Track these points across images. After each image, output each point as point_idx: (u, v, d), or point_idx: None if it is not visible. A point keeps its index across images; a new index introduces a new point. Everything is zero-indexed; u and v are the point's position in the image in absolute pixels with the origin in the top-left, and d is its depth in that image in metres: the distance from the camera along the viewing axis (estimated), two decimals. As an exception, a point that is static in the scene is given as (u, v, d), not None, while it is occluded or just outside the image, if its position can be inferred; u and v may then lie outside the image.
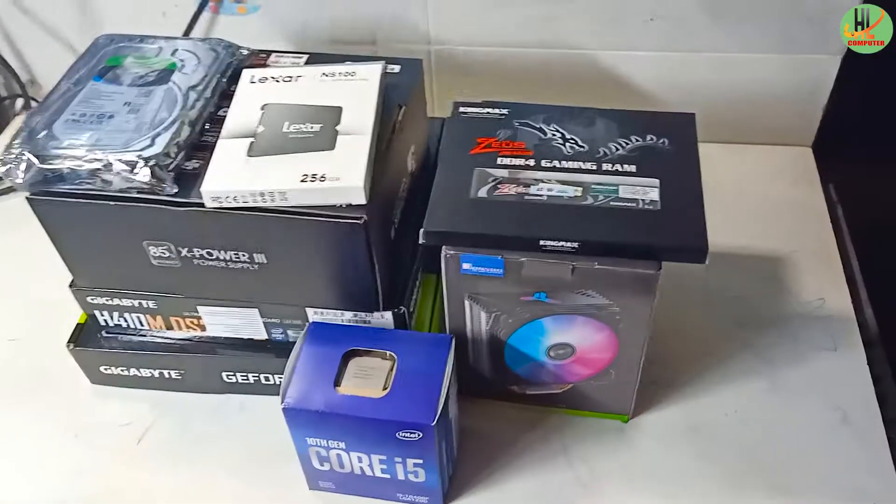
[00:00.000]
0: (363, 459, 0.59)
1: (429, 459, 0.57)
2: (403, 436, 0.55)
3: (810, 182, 0.87)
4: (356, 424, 0.56)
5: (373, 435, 0.57)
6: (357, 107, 0.60)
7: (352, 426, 0.56)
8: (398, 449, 0.57)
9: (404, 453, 0.57)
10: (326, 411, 0.56)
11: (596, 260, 0.54)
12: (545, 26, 0.84)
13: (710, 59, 0.84)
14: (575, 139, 0.60)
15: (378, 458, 0.58)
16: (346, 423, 0.56)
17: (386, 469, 0.59)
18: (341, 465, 0.60)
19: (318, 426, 0.57)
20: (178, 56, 0.65)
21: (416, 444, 0.56)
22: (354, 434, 0.57)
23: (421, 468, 0.58)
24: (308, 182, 0.55)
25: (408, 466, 0.58)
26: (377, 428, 0.56)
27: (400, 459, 0.58)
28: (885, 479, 0.63)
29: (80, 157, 0.57)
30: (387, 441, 0.56)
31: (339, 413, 0.56)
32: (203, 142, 0.60)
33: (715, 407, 0.68)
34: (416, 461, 0.58)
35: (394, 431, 0.55)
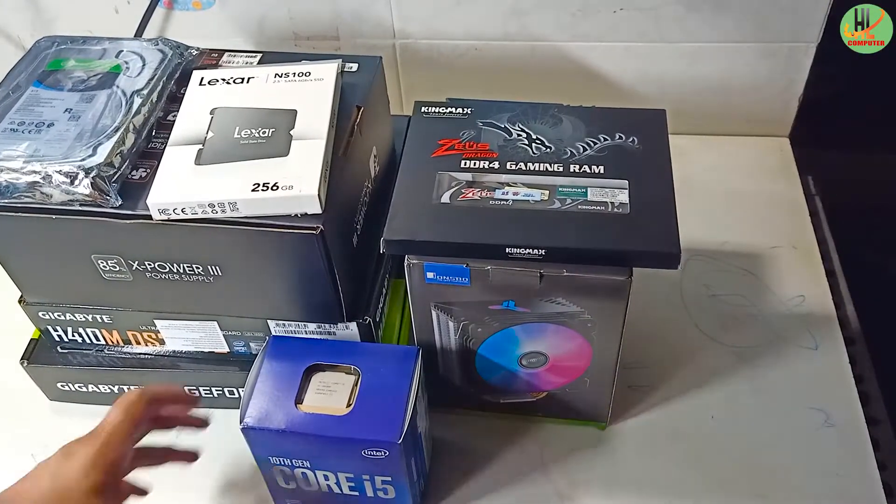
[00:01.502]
0: (329, 478, 0.56)
1: (397, 476, 0.55)
2: (369, 454, 0.53)
3: (788, 174, 0.85)
4: (320, 443, 0.54)
5: (337, 453, 0.54)
6: (312, 109, 0.57)
7: (315, 444, 0.54)
8: (365, 466, 0.54)
9: (371, 470, 0.55)
10: (288, 430, 0.53)
11: (564, 267, 0.51)
12: (512, 18, 0.82)
13: (682, 49, 0.82)
14: (541, 139, 0.57)
15: (345, 475, 0.56)
16: (309, 442, 0.54)
17: (354, 487, 0.57)
18: (307, 484, 0.57)
19: (280, 445, 0.55)
20: (122, 58, 0.62)
21: (383, 461, 0.53)
22: (319, 452, 0.55)
23: (390, 485, 0.56)
24: (260, 191, 0.52)
25: (376, 484, 0.56)
26: (341, 446, 0.53)
27: (367, 477, 0.56)
28: (869, 481, 0.61)
29: (17, 170, 0.53)
30: (353, 459, 0.54)
31: (301, 432, 0.53)
32: (150, 149, 0.58)
33: (695, 411, 0.66)
34: (384, 478, 0.55)
35: (359, 450, 0.53)
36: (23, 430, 0.69)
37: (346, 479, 0.56)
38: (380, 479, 0.56)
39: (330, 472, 0.56)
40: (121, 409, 0.53)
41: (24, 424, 0.69)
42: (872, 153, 0.87)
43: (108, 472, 0.50)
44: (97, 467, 0.50)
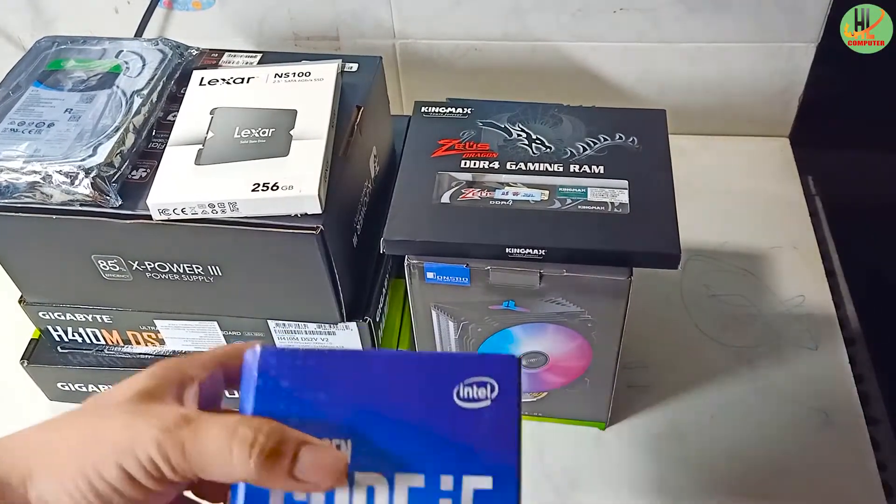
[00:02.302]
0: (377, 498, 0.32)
1: (507, 472, 0.32)
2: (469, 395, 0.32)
3: (788, 174, 0.85)
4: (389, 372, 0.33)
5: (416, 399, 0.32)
6: (312, 109, 0.57)
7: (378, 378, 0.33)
8: (454, 446, 0.32)
9: (465, 457, 0.32)
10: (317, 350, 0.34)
11: (564, 267, 0.51)
12: (512, 18, 0.82)
13: (682, 50, 0.82)
14: (541, 139, 0.57)
15: (410, 481, 0.32)
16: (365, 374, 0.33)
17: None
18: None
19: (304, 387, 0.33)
20: (122, 58, 0.62)
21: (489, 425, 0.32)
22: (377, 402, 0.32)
23: (489, 500, 0.32)
24: (260, 191, 0.52)
25: (464, 499, 0.31)
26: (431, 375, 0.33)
27: (451, 483, 0.32)
28: (868, 481, 0.61)
29: (17, 170, 0.53)
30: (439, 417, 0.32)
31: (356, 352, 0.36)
32: (150, 149, 0.57)
33: (695, 411, 0.66)
34: (478, 479, 0.32)
35: (455, 382, 0.32)
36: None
37: (409, 498, 0.31)
38: (472, 483, 0.31)
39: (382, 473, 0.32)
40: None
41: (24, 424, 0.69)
42: (873, 153, 0.87)
43: (164, 379, 0.33)
44: (149, 374, 0.34)
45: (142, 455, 0.29)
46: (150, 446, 0.29)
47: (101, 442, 0.30)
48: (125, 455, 0.29)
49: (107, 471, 0.29)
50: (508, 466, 0.31)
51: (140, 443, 0.29)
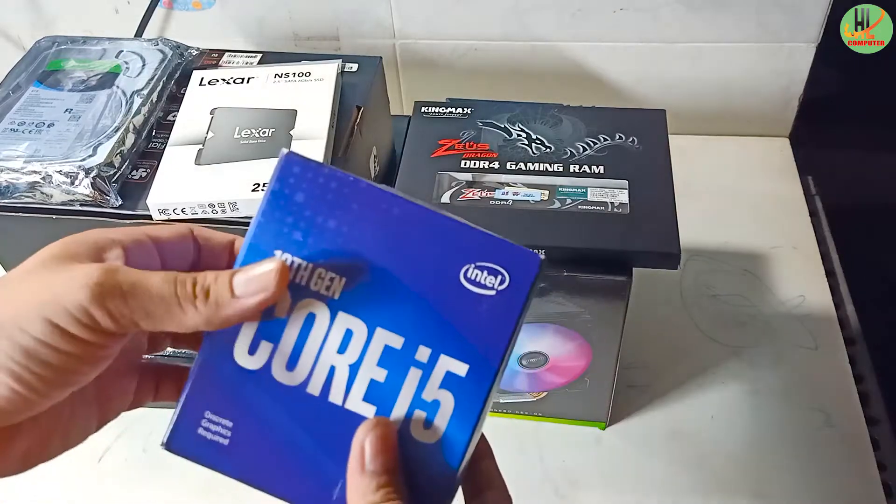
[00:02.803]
0: (352, 344, 0.31)
1: (485, 358, 0.30)
2: (479, 279, 0.30)
3: (788, 174, 0.85)
4: (401, 218, 0.31)
5: (424, 257, 0.30)
6: (312, 110, 0.57)
7: (391, 221, 0.31)
8: (445, 317, 0.30)
9: (449, 333, 0.30)
10: (347, 176, 0.31)
11: (564, 267, 0.51)
12: (512, 18, 0.82)
13: (682, 49, 0.82)
14: (541, 139, 0.57)
15: (387, 339, 0.31)
16: (380, 211, 0.31)
17: (382, 386, 0.31)
18: (290, 365, 0.31)
19: (313, 211, 0.31)
20: (122, 58, 0.62)
21: (489, 307, 0.30)
22: (387, 251, 0.30)
23: (454, 389, 0.31)
24: (260, 191, 0.52)
25: (431, 378, 0.30)
26: (442, 240, 0.30)
27: (427, 353, 0.31)
28: (868, 481, 0.61)
29: (17, 170, 0.53)
30: (441, 285, 0.30)
31: (371, 184, 0.31)
32: (150, 149, 0.57)
33: (695, 411, 0.66)
34: (454, 363, 0.30)
35: (471, 258, 0.30)
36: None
37: (382, 354, 0.31)
38: (447, 364, 0.30)
39: (365, 321, 0.30)
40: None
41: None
42: (873, 153, 0.87)
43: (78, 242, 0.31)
44: (59, 242, 0.31)
45: (71, 306, 0.27)
46: (82, 294, 0.27)
47: (17, 302, 0.28)
48: (50, 307, 0.27)
49: (31, 325, 0.27)
50: (489, 362, 0.30)
51: (68, 293, 0.27)
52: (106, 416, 0.34)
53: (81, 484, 0.64)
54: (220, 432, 0.31)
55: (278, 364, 0.31)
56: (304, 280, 0.31)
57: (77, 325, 0.27)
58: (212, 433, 0.31)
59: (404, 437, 0.31)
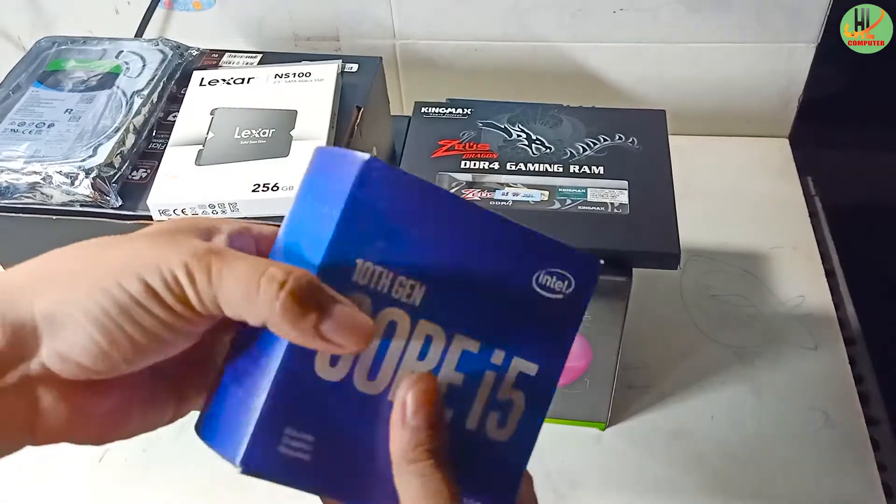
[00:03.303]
0: (432, 350, 0.31)
1: (553, 360, 0.32)
2: (549, 284, 0.32)
3: (788, 174, 0.85)
4: (481, 228, 0.31)
5: (498, 264, 0.31)
6: (312, 110, 0.57)
7: (470, 232, 0.31)
8: (519, 318, 0.32)
9: (522, 333, 0.32)
10: (433, 188, 0.31)
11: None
12: (512, 18, 0.82)
13: (682, 50, 0.82)
14: (541, 140, 0.57)
15: (464, 344, 0.31)
16: (463, 222, 0.31)
17: (462, 387, 0.31)
18: (372, 374, 0.30)
19: (397, 224, 0.30)
20: (122, 58, 0.62)
21: (558, 309, 0.32)
22: (462, 257, 0.31)
23: (526, 389, 0.32)
24: (260, 192, 0.52)
25: (506, 380, 0.31)
26: (518, 248, 0.31)
27: (501, 355, 0.31)
28: (868, 481, 0.61)
29: (17, 171, 0.53)
30: (515, 287, 0.31)
31: (457, 198, 0.32)
32: (151, 150, 0.58)
33: (695, 411, 0.66)
34: (526, 364, 0.32)
35: (540, 267, 0.32)
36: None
37: (460, 359, 0.31)
38: (519, 365, 0.32)
39: (443, 328, 0.31)
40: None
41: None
42: (873, 153, 0.87)
43: (187, 222, 0.31)
44: (169, 221, 0.33)
45: (167, 273, 0.27)
46: (177, 266, 0.27)
47: (121, 258, 0.28)
48: (149, 270, 0.27)
49: (128, 282, 0.27)
50: (556, 362, 0.32)
51: (166, 262, 0.27)
52: (181, 409, 0.33)
53: (81, 484, 0.64)
54: (302, 448, 0.29)
55: (360, 374, 0.30)
56: (386, 288, 0.30)
57: (168, 292, 0.27)
58: (293, 450, 0.29)
59: (480, 436, 0.31)
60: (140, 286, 0.27)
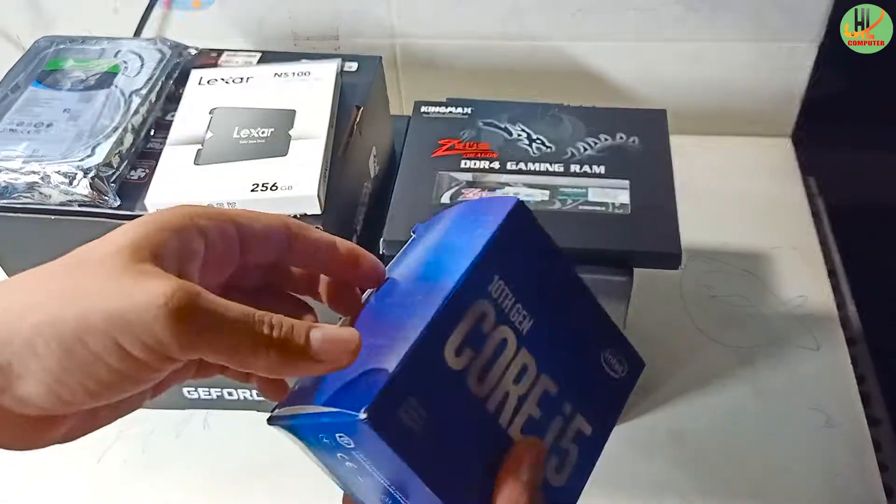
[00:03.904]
0: (525, 378, 0.34)
1: (603, 432, 0.36)
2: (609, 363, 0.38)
3: (789, 174, 0.85)
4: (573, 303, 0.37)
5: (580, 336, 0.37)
6: (311, 109, 0.57)
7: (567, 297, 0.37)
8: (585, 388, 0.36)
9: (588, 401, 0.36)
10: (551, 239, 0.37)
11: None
12: (512, 18, 0.81)
13: (682, 49, 0.82)
14: (542, 139, 0.57)
15: (548, 385, 0.35)
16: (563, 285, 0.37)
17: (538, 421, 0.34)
18: (482, 377, 0.33)
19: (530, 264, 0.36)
20: (121, 58, 0.61)
21: (611, 391, 0.37)
22: (559, 314, 0.36)
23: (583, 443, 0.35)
24: (259, 191, 0.52)
25: (570, 429, 0.35)
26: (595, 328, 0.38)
27: (571, 407, 0.35)
28: (869, 482, 0.61)
29: (15, 170, 0.53)
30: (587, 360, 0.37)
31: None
32: (149, 149, 0.57)
33: (695, 411, 0.66)
34: (587, 426, 0.36)
35: (606, 347, 0.37)
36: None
37: (541, 397, 0.34)
38: (579, 423, 0.35)
39: (536, 363, 0.34)
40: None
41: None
42: (874, 153, 0.86)
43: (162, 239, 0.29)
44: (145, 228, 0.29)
45: (141, 326, 0.25)
46: (155, 317, 0.25)
47: (84, 301, 0.26)
48: (118, 324, 0.25)
49: (92, 338, 0.25)
50: (607, 426, 0.36)
51: (141, 312, 0.25)
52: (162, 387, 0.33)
53: (81, 484, 0.64)
54: (415, 419, 0.31)
55: (474, 372, 0.32)
56: (507, 308, 0.34)
57: (141, 347, 0.26)
58: (409, 418, 0.31)
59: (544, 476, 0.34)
60: (107, 343, 0.25)
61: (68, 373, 0.26)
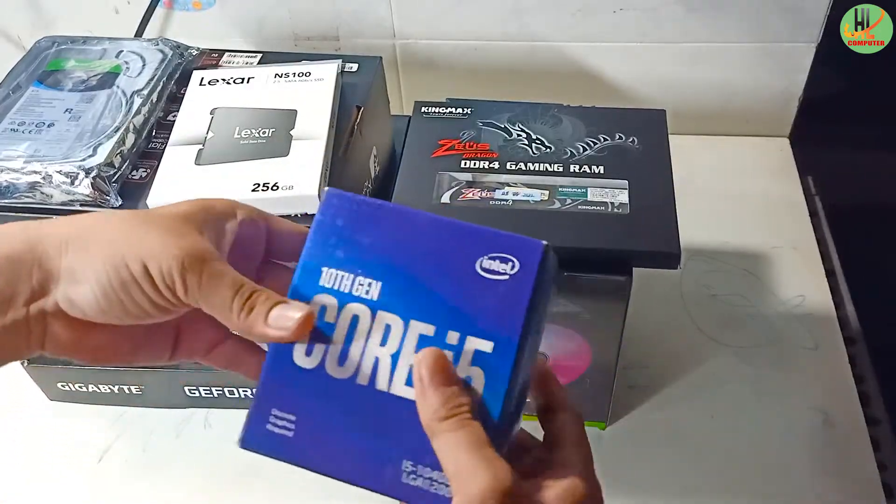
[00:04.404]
0: (391, 337, 0.35)
1: (507, 337, 0.34)
2: (493, 268, 0.35)
3: (788, 174, 0.85)
4: (425, 231, 0.36)
5: (443, 259, 0.36)
6: (312, 110, 0.57)
7: (416, 235, 0.36)
8: (467, 303, 0.35)
9: (472, 316, 0.35)
10: (379, 203, 0.37)
11: (564, 267, 0.51)
12: (512, 18, 0.82)
13: (682, 50, 0.82)
14: (541, 139, 0.57)
15: (421, 329, 0.35)
16: (409, 227, 0.36)
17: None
18: (341, 359, 0.35)
19: (353, 235, 0.36)
20: (122, 58, 0.62)
21: (502, 292, 0.35)
22: (410, 258, 0.36)
23: (484, 365, 0.34)
24: (260, 191, 0.52)
25: (462, 355, 0.35)
26: (458, 242, 0.36)
27: (456, 336, 0.35)
28: (868, 481, 0.61)
29: (17, 170, 0.53)
30: (460, 279, 0.35)
31: (400, 209, 0.37)
32: (150, 149, 0.58)
33: (695, 411, 0.66)
34: (481, 343, 0.35)
35: (482, 252, 0.35)
36: (23, 431, 0.68)
37: (417, 342, 0.35)
38: (474, 344, 0.35)
39: (400, 316, 0.35)
40: None
41: (24, 424, 0.69)
42: (873, 153, 0.87)
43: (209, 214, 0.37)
44: (198, 203, 0.37)
45: (164, 265, 0.33)
46: (175, 263, 0.34)
47: (134, 241, 0.34)
48: (152, 258, 0.34)
49: (133, 263, 0.33)
50: (510, 338, 0.34)
51: (167, 255, 0.34)
52: (178, 353, 0.39)
53: (81, 484, 0.64)
54: (285, 426, 0.35)
55: (331, 361, 0.35)
56: (347, 288, 0.36)
57: (161, 280, 0.34)
58: (279, 427, 0.35)
59: None
60: (141, 269, 0.33)
61: (112, 289, 0.33)
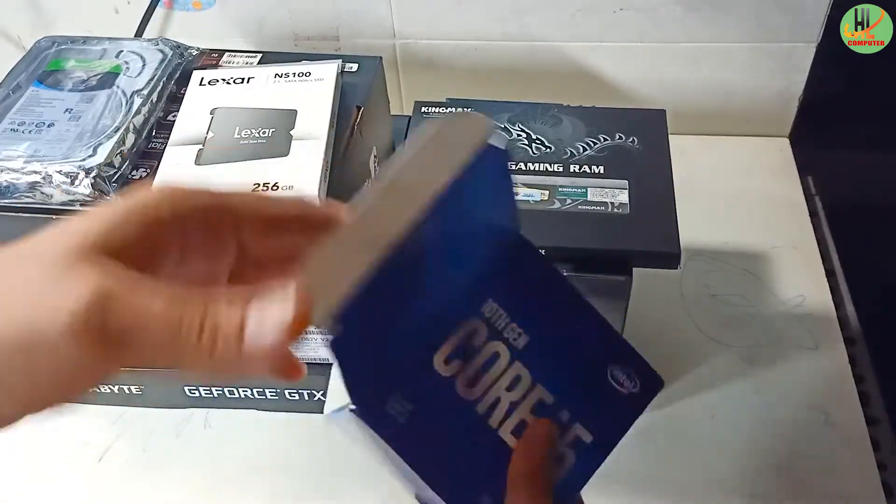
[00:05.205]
0: (518, 387, 0.37)
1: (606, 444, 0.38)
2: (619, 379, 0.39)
3: (788, 174, 0.85)
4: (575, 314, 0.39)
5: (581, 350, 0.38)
6: (312, 109, 0.57)
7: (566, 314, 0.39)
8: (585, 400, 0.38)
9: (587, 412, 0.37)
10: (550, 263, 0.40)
11: (564, 267, 0.51)
12: (512, 18, 0.82)
13: (682, 49, 0.82)
14: (541, 139, 0.57)
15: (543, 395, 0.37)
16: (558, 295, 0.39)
17: None
18: (470, 383, 0.36)
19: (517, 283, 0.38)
20: (122, 58, 0.62)
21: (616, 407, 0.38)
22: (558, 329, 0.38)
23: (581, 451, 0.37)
24: (260, 191, 0.52)
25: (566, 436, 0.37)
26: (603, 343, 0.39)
27: (568, 416, 0.37)
28: (868, 481, 0.61)
29: (17, 170, 0.53)
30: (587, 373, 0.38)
31: None
32: (150, 149, 0.58)
33: (695, 411, 0.66)
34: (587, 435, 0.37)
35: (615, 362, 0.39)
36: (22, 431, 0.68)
37: (535, 404, 0.37)
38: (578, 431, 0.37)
39: (532, 375, 0.37)
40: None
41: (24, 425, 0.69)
42: (873, 153, 0.87)
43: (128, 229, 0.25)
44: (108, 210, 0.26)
45: (51, 347, 0.23)
46: (62, 339, 0.22)
47: (9, 314, 0.23)
48: (32, 343, 0.23)
49: (8, 357, 0.23)
50: (611, 437, 0.38)
51: (48, 330, 0.22)
52: None
53: (81, 484, 0.64)
54: (401, 412, 0.35)
55: (462, 379, 0.36)
56: (501, 327, 0.37)
57: (58, 366, 0.23)
58: (395, 411, 0.35)
59: None
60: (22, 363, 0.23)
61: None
